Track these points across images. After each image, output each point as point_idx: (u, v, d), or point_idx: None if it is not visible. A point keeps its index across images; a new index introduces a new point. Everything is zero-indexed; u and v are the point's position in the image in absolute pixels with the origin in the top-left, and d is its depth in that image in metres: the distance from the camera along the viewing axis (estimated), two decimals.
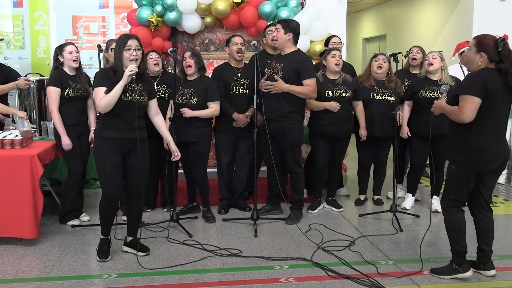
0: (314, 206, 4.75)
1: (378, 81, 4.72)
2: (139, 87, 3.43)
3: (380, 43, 11.06)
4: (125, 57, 3.34)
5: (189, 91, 4.29)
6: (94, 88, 3.41)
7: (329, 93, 4.49)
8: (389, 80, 4.72)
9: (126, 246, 3.67)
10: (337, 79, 4.58)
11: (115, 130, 3.37)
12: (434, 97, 4.40)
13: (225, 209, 4.69)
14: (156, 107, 3.64)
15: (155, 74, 4.48)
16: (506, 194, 5.52)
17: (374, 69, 4.70)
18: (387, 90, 4.68)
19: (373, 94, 4.67)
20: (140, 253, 3.58)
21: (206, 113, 4.30)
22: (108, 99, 3.27)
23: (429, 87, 4.50)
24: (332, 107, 4.47)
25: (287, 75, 4.22)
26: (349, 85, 4.59)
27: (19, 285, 3.16)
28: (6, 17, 5.97)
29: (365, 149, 4.86)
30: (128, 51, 3.33)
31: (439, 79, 4.50)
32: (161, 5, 5.07)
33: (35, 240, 3.81)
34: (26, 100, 4.72)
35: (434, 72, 4.53)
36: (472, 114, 2.97)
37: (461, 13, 7.35)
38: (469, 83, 3.02)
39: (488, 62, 3.01)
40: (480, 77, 2.98)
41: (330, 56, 4.53)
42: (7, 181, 3.68)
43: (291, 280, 3.23)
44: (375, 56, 4.77)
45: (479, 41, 3.05)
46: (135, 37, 3.41)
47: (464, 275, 3.19)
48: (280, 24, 4.29)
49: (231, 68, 4.58)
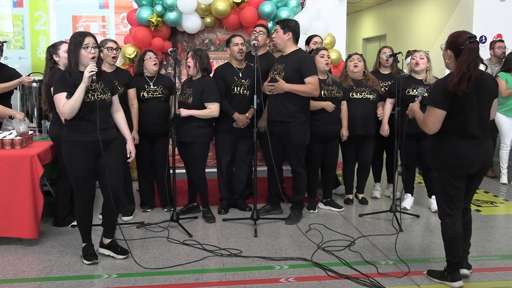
0: (312, 206, 4.75)
1: (355, 80, 4.79)
2: (100, 85, 3.30)
3: (380, 43, 11.05)
4: (82, 55, 3.20)
5: (188, 91, 4.30)
6: (54, 95, 3.25)
7: (324, 92, 4.52)
8: (367, 78, 4.79)
9: (103, 248, 3.59)
10: (327, 79, 4.61)
11: (83, 133, 3.25)
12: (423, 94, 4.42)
13: (225, 209, 4.69)
14: (117, 104, 3.50)
15: (152, 74, 4.48)
16: (506, 194, 5.52)
17: (351, 69, 4.77)
18: (365, 88, 4.74)
19: (352, 94, 4.73)
20: (120, 256, 3.53)
21: (202, 113, 4.27)
22: (72, 104, 3.13)
23: (415, 85, 4.52)
24: (329, 106, 4.49)
25: (289, 75, 4.22)
26: (339, 85, 4.65)
27: (19, 285, 3.16)
28: (6, 17, 5.97)
29: (348, 148, 4.90)
30: (86, 49, 3.20)
31: (424, 79, 4.55)
32: (161, 5, 5.07)
33: (35, 240, 3.81)
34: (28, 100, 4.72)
35: (420, 72, 4.59)
36: (435, 126, 2.95)
37: (461, 13, 7.35)
38: (433, 93, 2.99)
39: (455, 61, 2.93)
40: (442, 85, 2.92)
41: (319, 56, 4.53)
42: (7, 181, 3.68)
43: (291, 280, 3.23)
44: (350, 57, 4.85)
45: (450, 38, 2.99)
46: (91, 34, 3.27)
47: (451, 284, 3.12)
48: (278, 24, 4.29)
49: (233, 68, 4.58)
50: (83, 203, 3.39)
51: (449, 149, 2.99)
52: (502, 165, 5.96)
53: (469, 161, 2.98)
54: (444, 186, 3.06)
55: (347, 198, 5.06)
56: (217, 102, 4.31)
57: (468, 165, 2.99)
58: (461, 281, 3.11)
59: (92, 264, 3.43)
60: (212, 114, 4.32)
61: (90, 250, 3.49)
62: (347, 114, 4.72)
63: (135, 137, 4.34)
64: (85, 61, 3.21)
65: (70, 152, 3.30)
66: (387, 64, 5.06)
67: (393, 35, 10.16)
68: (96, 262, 3.45)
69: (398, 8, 9.99)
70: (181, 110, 4.21)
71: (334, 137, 4.69)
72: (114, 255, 3.54)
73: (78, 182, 3.32)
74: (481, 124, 2.99)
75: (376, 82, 4.82)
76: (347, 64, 4.81)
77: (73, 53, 3.22)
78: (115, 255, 3.54)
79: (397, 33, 9.93)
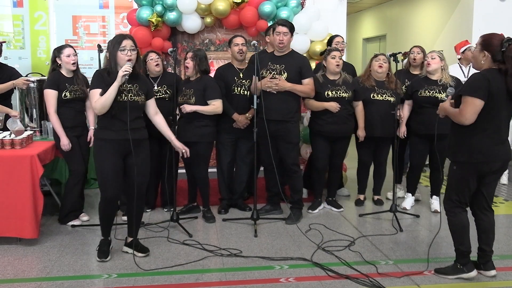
0: (314, 206, 4.75)
1: (378, 81, 4.72)
2: (135, 87, 3.41)
3: (380, 43, 11.05)
4: (119, 57, 3.32)
5: (189, 91, 4.29)
6: (90, 90, 3.40)
7: (329, 93, 4.50)
8: (389, 80, 4.72)
9: (126, 246, 3.66)
10: (337, 79, 4.58)
11: (113, 131, 3.35)
12: (434, 97, 4.41)
13: (225, 209, 4.69)
14: (154, 107, 3.62)
15: (156, 74, 4.48)
16: (506, 194, 5.52)
17: (375, 69, 4.70)
18: (387, 90, 4.68)
19: (373, 95, 4.67)
20: (139, 254, 3.58)
21: (207, 109, 4.26)
22: (103, 100, 3.26)
23: (428, 86, 4.50)
24: (332, 107, 4.47)
25: (292, 75, 4.28)
26: (349, 85, 4.59)
27: (19, 285, 3.16)
28: (6, 17, 5.97)
29: (364, 149, 4.86)
30: (123, 52, 3.31)
31: (439, 79, 4.50)
32: (161, 5, 5.07)
33: (35, 240, 3.81)
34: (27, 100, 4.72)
35: (434, 72, 4.53)
36: (472, 117, 2.96)
37: (461, 13, 7.35)
38: (472, 84, 3.00)
39: (492, 62, 3.00)
40: (484, 78, 2.97)
41: (330, 57, 4.52)
42: (7, 181, 3.68)
43: (291, 280, 3.23)
44: (375, 56, 4.77)
45: (485, 39, 3.04)
46: (130, 37, 3.39)
47: (468, 275, 3.19)
48: (286, 27, 4.27)
49: (233, 69, 4.58)
50: (107, 200, 3.43)
51: (477, 144, 3.04)
52: None
53: (494, 158, 3.06)
54: (462, 181, 3.12)
55: (358, 198, 5.03)
56: (220, 99, 4.32)
57: (493, 162, 3.07)
58: (476, 270, 3.19)
59: (101, 262, 3.46)
60: (217, 110, 4.32)
61: (104, 247, 3.54)
62: (363, 115, 4.67)
63: None
64: (121, 62, 3.32)
65: (99, 149, 3.40)
66: (415, 64, 4.97)
67: (393, 35, 10.16)
68: (105, 261, 3.48)
69: (398, 8, 9.99)
70: (185, 105, 4.21)
71: (342, 137, 4.63)
72: (135, 253, 3.57)
73: (104, 179, 3.38)
74: (507, 123, 3.10)
75: (399, 84, 4.68)
76: (372, 64, 4.74)
77: (111, 54, 3.34)
78: (136, 253, 3.56)
79: (397, 33, 9.93)
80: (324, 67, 4.60)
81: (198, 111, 4.23)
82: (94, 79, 3.40)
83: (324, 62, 4.58)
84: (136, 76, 3.42)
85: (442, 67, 4.53)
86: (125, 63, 3.31)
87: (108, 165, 3.36)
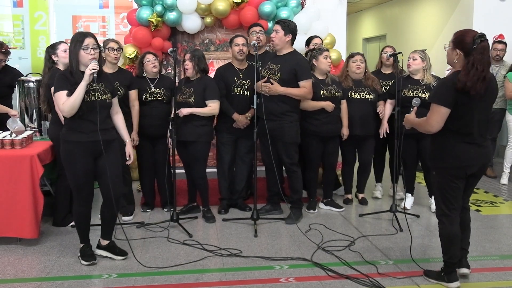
0: (312, 206, 4.75)
1: (355, 80, 4.77)
2: (101, 85, 3.30)
3: (380, 43, 11.05)
4: (82, 56, 3.21)
5: (189, 90, 4.30)
6: (55, 93, 3.26)
7: (324, 93, 4.52)
8: (366, 78, 4.77)
9: (101, 249, 3.57)
10: (326, 79, 4.60)
11: (83, 133, 3.24)
12: (417, 96, 4.41)
13: (225, 209, 4.69)
14: (116, 106, 3.51)
15: (153, 76, 4.48)
16: (506, 194, 5.52)
17: (353, 69, 4.74)
18: (365, 88, 4.73)
19: (351, 93, 4.72)
20: (118, 257, 3.53)
21: (203, 111, 4.27)
22: (72, 101, 3.13)
23: (411, 86, 4.53)
24: (329, 106, 4.49)
25: (285, 76, 4.23)
26: (338, 84, 4.64)
27: (19, 285, 3.16)
28: (6, 17, 5.97)
29: (347, 148, 4.89)
30: (86, 50, 3.20)
31: (421, 79, 4.54)
32: (161, 5, 5.07)
33: (35, 240, 3.81)
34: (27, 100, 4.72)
35: (415, 72, 4.57)
36: (438, 124, 2.92)
37: (461, 13, 7.35)
38: (439, 91, 2.97)
39: (464, 59, 2.89)
40: (450, 83, 2.89)
41: (322, 57, 4.52)
42: (7, 181, 3.68)
43: (291, 280, 3.23)
44: (352, 56, 4.79)
45: (457, 37, 2.95)
46: (92, 35, 3.27)
47: (448, 285, 3.11)
48: (279, 25, 4.27)
49: (233, 69, 4.58)
50: (81, 204, 3.38)
51: (450, 149, 2.98)
52: (506, 164, 5.92)
53: (469, 162, 2.98)
54: (443, 186, 3.05)
55: (346, 198, 5.05)
56: (218, 100, 4.32)
57: (468, 166, 2.99)
58: (458, 281, 3.11)
59: (91, 265, 3.43)
60: (213, 112, 4.33)
61: (88, 251, 3.49)
62: (347, 113, 4.71)
63: (135, 138, 4.35)
64: (85, 61, 3.21)
65: (70, 152, 3.28)
66: (388, 63, 5.07)
67: (393, 35, 10.16)
68: (95, 262, 3.45)
69: (398, 8, 9.99)
70: (181, 110, 4.21)
71: (334, 136, 4.68)
72: (112, 256, 3.54)
73: (77, 183, 3.31)
74: (483, 126, 2.99)
75: (376, 81, 4.81)
76: (349, 64, 4.77)
77: (73, 53, 3.23)
78: (113, 256, 3.53)
79: (397, 33, 9.93)
80: (313, 66, 4.57)
81: (195, 114, 4.24)
82: (57, 80, 3.26)
83: (315, 61, 4.55)
84: (101, 74, 3.31)
85: (424, 67, 4.56)
86: (88, 62, 3.20)
87: (79, 167, 3.26)
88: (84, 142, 3.25)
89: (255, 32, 4.64)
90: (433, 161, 3.11)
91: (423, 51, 4.64)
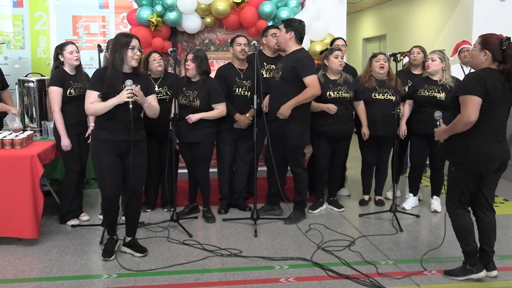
0: (316, 206, 4.75)
1: (379, 80, 4.72)
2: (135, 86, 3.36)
3: (380, 43, 11.05)
4: (128, 56, 3.31)
5: (192, 93, 4.28)
6: (87, 90, 3.37)
7: (330, 94, 4.49)
8: (390, 79, 4.72)
9: (125, 246, 3.66)
10: (338, 79, 4.57)
11: (110, 131, 3.35)
12: (432, 96, 4.42)
13: (225, 209, 4.69)
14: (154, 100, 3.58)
15: (157, 75, 4.48)
16: (506, 194, 5.52)
17: (376, 70, 4.69)
18: (388, 89, 4.68)
19: (374, 94, 4.67)
20: (137, 254, 3.59)
21: (212, 115, 4.28)
22: (97, 109, 3.30)
23: (428, 86, 4.51)
24: (329, 109, 4.46)
25: (285, 74, 4.21)
26: (350, 85, 4.58)
27: (19, 285, 3.16)
28: (6, 17, 5.97)
29: (368, 149, 4.86)
30: (133, 50, 3.30)
31: (439, 79, 4.51)
32: (161, 5, 5.07)
33: (35, 240, 3.81)
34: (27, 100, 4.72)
35: (434, 73, 4.54)
36: (475, 113, 2.95)
37: (461, 13, 7.35)
38: (469, 83, 3.00)
39: (492, 61, 3.00)
40: (480, 77, 2.97)
41: (333, 57, 4.50)
42: (7, 181, 3.68)
43: (291, 280, 3.23)
44: (375, 56, 4.75)
45: (484, 39, 3.04)
46: (136, 37, 3.39)
47: (478, 276, 3.18)
48: (282, 24, 4.30)
49: (234, 69, 4.58)
50: (107, 199, 3.44)
51: (474, 145, 3.03)
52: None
53: (492, 159, 3.06)
54: (461, 182, 3.12)
55: (362, 199, 5.03)
56: (224, 102, 4.34)
57: (491, 162, 3.06)
58: (485, 270, 3.19)
59: (104, 261, 3.47)
60: (221, 114, 4.34)
61: (109, 246, 3.55)
62: (365, 113, 4.66)
63: None
64: (130, 60, 3.32)
65: (97, 149, 3.40)
66: (416, 63, 4.99)
67: (393, 35, 10.16)
68: (109, 260, 3.49)
69: (398, 8, 9.99)
70: (190, 116, 4.20)
71: (342, 137, 4.62)
72: (133, 252, 3.60)
73: (103, 179, 3.38)
74: (504, 123, 3.09)
75: (399, 82, 4.67)
76: (372, 64, 4.72)
77: (119, 53, 3.30)
78: (134, 253, 3.59)
79: (397, 33, 9.93)
80: (326, 67, 4.58)
81: (203, 118, 4.23)
82: (93, 79, 3.38)
83: (326, 61, 4.56)
84: (136, 75, 3.41)
85: (443, 68, 4.52)
86: (132, 62, 3.31)
87: (106, 164, 3.36)
88: (111, 141, 3.36)
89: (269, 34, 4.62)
90: (455, 156, 3.14)
91: (441, 52, 4.61)
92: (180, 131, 4.24)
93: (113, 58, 3.32)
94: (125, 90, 3.24)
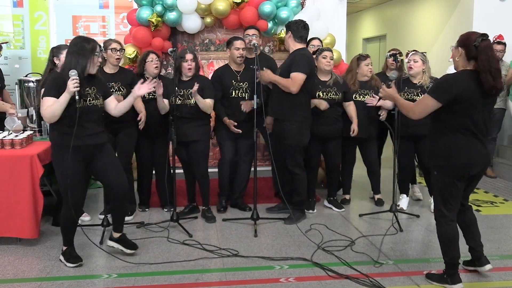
0: (311, 206, 4.74)
1: (361, 82, 4.75)
2: (93, 90, 3.30)
3: (380, 43, 11.06)
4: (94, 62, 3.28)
5: (186, 92, 4.28)
6: (44, 97, 3.21)
7: (320, 94, 4.52)
8: (371, 78, 4.78)
9: (113, 241, 3.59)
10: (328, 80, 4.59)
11: (76, 137, 3.18)
12: (411, 99, 4.41)
13: (223, 206, 4.69)
14: (113, 101, 3.50)
15: (153, 76, 4.46)
16: (506, 194, 5.52)
17: (365, 73, 4.74)
18: (369, 91, 4.72)
19: (355, 96, 4.71)
20: (128, 250, 3.56)
21: (206, 104, 4.28)
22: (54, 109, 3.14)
23: (408, 89, 4.52)
24: (321, 104, 4.46)
25: (282, 72, 4.27)
26: (340, 86, 4.61)
27: (19, 285, 3.16)
28: (6, 17, 5.97)
29: (348, 148, 4.88)
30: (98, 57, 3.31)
31: (419, 81, 4.54)
32: (161, 5, 5.07)
33: (35, 240, 3.81)
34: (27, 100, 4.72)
35: (416, 75, 4.56)
36: (421, 115, 3.02)
37: (461, 13, 7.35)
38: (436, 85, 3.02)
39: (465, 59, 2.94)
40: (449, 81, 2.97)
41: (321, 57, 4.53)
42: (7, 181, 3.68)
43: (291, 280, 3.23)
44: (365, 59, 4.76)
45: (463, 37, 3.01)
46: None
47: (451, 287, 3.10)
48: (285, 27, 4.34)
49: (231, 72, 4.57)
50: (69, 208, 3.32)
51: (456, 146, 2.97)
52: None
53: (474, 161, 2.99)
54: (444, 187, 3.04)
55: (344, 198, 5.05)
56: (213, 99, 4.37)
57: (473, 164, 2.99)
58: (461, 283, 3.09)
59: (77, 267, 3.41)
60: (210, 109, 4.38)
61: (73, 253, 3.47)
62: (355, 112, 4.66)
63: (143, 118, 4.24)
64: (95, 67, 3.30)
65: (60, 155, 3.27)
66: (393, 67, 5.00)
67: (393, 35, 10.16)
68: (81, 264, 3.43)
69: (398, 8, 9.99)
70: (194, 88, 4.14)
71: (333, 137, 4.65)
72: (123, 248, 3.56)
73: (67, 186, 3.26)
74: (485, 125, 3.02)
75: (379, 81, 4.75)
76: (362, 68, 4.73)
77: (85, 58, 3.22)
78: (123, 249, 3.56)
79: (397, 33, 9.93)
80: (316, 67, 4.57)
81: (199, 102, 4.22)
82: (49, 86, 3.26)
83: (316, 62, 4.56)
84: (93, 77, 3.32)
85: (423, 69, 4.54)
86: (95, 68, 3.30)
87: (71, 172, 3.24)
88: (77, 147, 3.22)
89: (248, 35, 4.60)
90: (436, 159, 3.07)
91: (423, 54, 4.63)
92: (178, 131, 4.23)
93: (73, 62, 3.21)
94: (70, 81, 3.11)
